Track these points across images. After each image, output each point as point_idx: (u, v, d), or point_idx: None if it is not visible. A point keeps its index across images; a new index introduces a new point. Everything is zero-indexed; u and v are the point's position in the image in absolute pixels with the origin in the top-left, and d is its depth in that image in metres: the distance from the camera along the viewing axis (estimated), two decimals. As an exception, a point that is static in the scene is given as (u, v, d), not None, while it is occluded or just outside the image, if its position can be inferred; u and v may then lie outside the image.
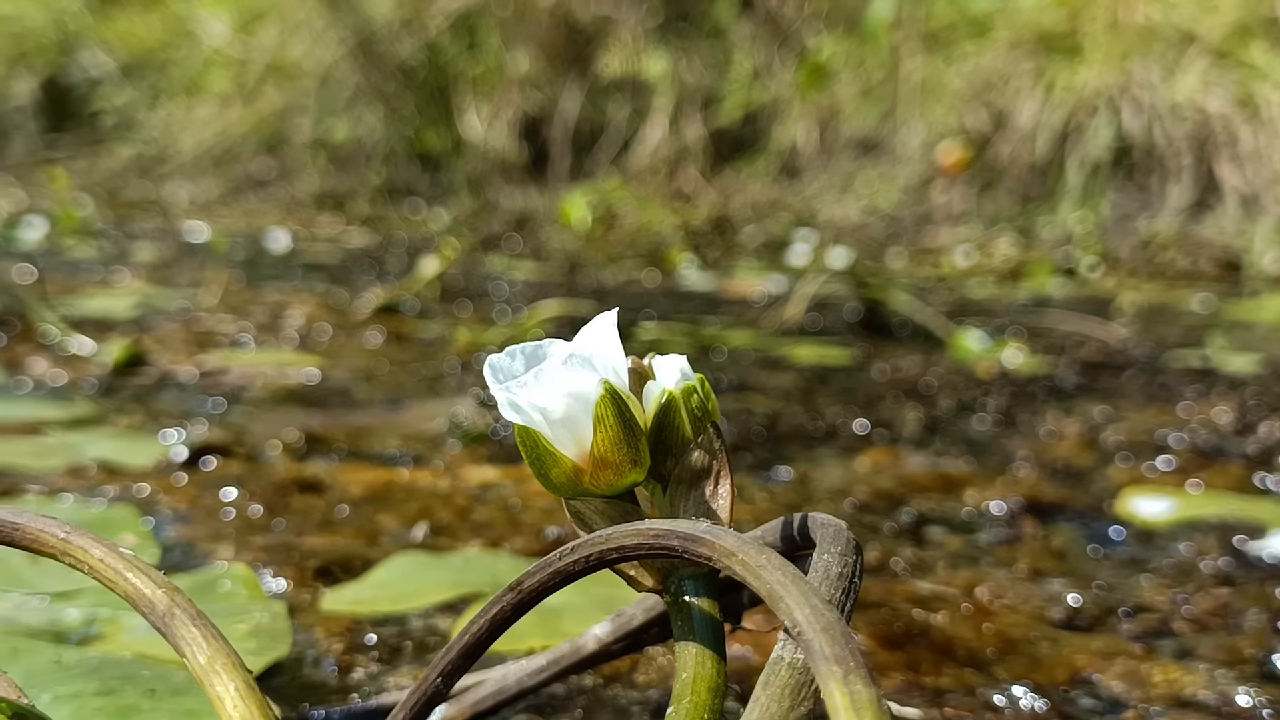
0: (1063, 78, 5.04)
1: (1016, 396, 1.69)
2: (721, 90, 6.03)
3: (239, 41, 6.98)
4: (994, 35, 5.40)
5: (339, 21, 6.49)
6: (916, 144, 5.41)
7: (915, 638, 0.76)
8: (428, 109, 6.49)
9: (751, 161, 5.91)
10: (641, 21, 6.19)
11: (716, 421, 0.51)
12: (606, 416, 0.48)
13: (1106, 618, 0.85)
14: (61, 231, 3.68)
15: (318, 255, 3.61)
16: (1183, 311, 2.85)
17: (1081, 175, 4.89)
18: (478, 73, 6.37)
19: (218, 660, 0.39)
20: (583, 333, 0.51)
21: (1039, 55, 5.21)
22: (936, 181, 5.30)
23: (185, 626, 0.40)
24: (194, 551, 0.93)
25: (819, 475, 1.22)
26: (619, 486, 0.49)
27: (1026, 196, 5.07)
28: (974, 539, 1.04)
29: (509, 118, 6.26)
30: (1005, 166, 5.13)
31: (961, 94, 5.32)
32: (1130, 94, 4.88)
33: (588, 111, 6.19)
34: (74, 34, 7.79)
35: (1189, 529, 1.08)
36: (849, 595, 0.45)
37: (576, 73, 6.21)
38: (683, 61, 6.08)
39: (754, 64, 6.07)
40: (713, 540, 0.43)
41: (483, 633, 0.52)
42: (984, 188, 5.19)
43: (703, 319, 2.45)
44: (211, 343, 1.91)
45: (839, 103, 5.79)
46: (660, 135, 6.01)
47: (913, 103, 5.55)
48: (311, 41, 6.65)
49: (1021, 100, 5.13)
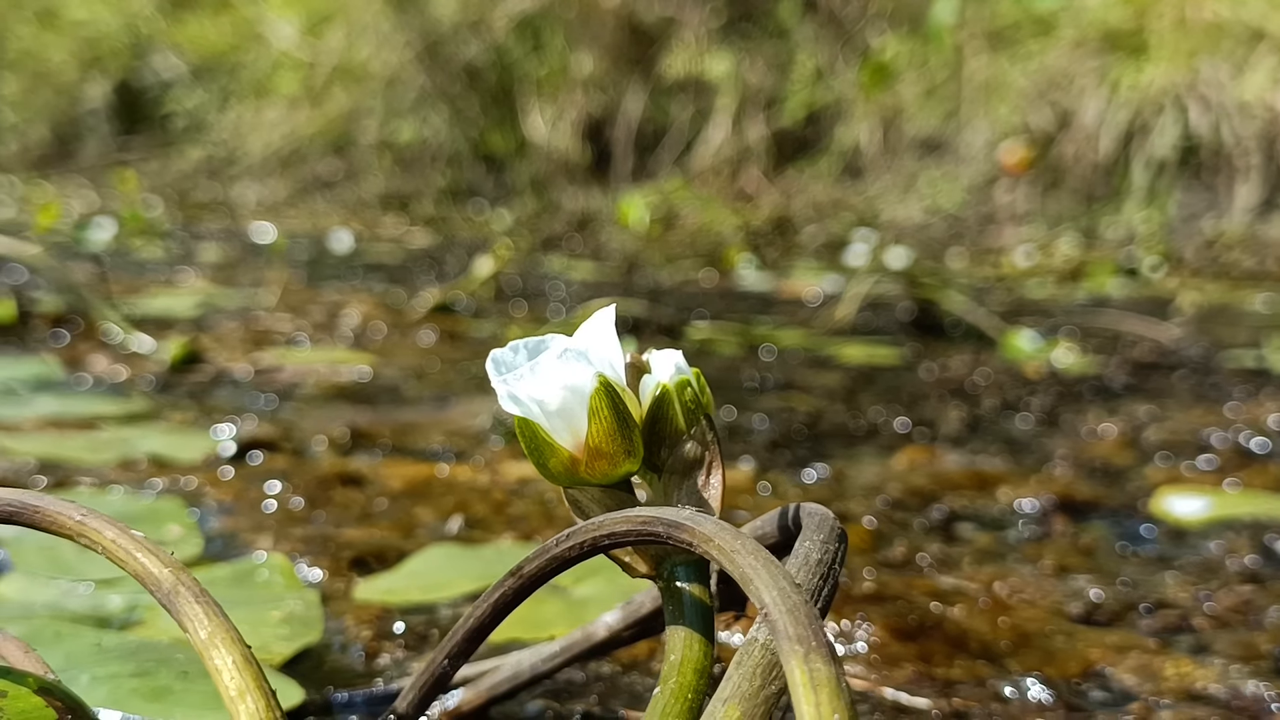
0: (1128, 76, 5.00)
1: (1062, 396, 1.69)
2: (784, 90, 6.03)
3: (307, 44, 7.07)
4: (1059, 34, 5.36)
5: (405, 24, 6.56)
6: (980, 143, 5.38)
7: (929, 630, 0.77)
8: (492, 110, 6.54)
9: (814, 162, 5.90)
10: (705, 22, 6.20)
11: (710, 414, 0.53)
12: (601, 409, 0.50)
13: (1127, 613, 0.86)
14: (128, 232, 3.75)
15: (379, 255, 3.66)
16: (1245, 312, 2.82)
17: (1147, 175, 4.85)
18: (542, 74, 6.41)
19: (218, 635, 0.41)
20: (582, 328, 0.53)
21: (1104, 53, 5.17)
22: (1000, 181, 5.27)
23: (189, 603, 0.42)
24: (236, 542, 0.96)
25: (855, 473, 1.23)
26: (614, 476, 0.51)
27: (1091, 196, 5.03)
28: (1003, 536, 1.05)
29: (573, 119, 6.30)
30: (1070, 166, 5.09)
31: (1026, 93, 5.29)
32: (1197, 92, 4.83)
33: (651, 112, 6.22)
34: (146, 38, 7.93)
35: (1222, 528, 1.08)
36: (827, 580, 0.47)
37: (640, 74, 6.23)
38: (746, 62, 6.09)
39: (817, 64, 6.07)
40: (693, 526, 0.45)
41: (486, 616, 0.54)
42: (1048, 187, 5.15)
43: (755, 319, 2.46)
44: (268, 341, 1.95)
45: (902, 102, 5.78)
46: (723, 136, 6.02)
47: (977, 102, 5.52)
48: (378, 44, 6.72)
49: (1086, 99, 5.10)
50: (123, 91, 8.05)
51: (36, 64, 8.24)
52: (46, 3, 8.35)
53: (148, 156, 7.66)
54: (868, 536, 1.01)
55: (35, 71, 8.24)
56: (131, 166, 7.47)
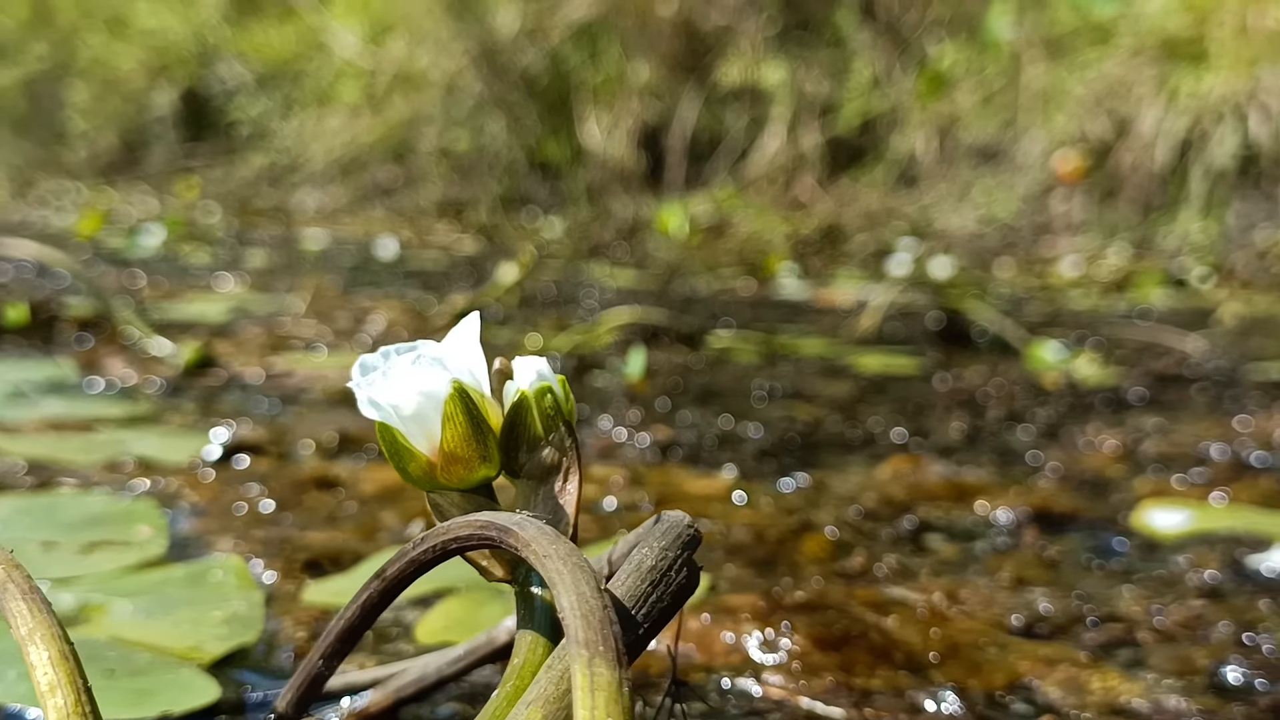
0: (1187, 84, 4.93)
1: (1073, 408, 1.68)
2: (839, 98, 6.01)
3: (369, 52, 7.14)
4: (1117, 41, 5.30)
5: (464, 32, 6.61)
6: (1037, 152, 5.34)
7: (854, 640, 0.77)
8: (549, 118, 6.57)
9: (869, 170, 5.88)
10: (761, 30, 6.20)
11: (570, 421, 0.53)
12: (455, 414, 0.50)
13: (1071, 626, 0.85)
14: (176, 238, 3.81)
15: (423, 262, 3.69)
16: (1287, 324, 2.78)
17: (1205, 184, 4.78)
18: (598, 82, 6.44)
19: (37, 631, 0.42)
20: (449, 334, 0.54)
21: (1163, 62, 5.11)
22: (1056, 190, 5.22)
23: (14, 600, 0.43)
24: (200, 543, 0.98)
25: (836, 482, 1.23)
26: (470, 481, 0.52)
27: (1148, 206, 4.97)
28: (970, 547, 1.04)
29: (628, 127, 6.32)
30: (1127, 175, 5.03)
31: (1083, 101, 5.24)
32: (1258, 100, 4.76)
33: (706, 120, 6.22)
34: (213, 46, 8.05)
35: (1198, 541, 1.06)
36: (658, 586, 0.47)
37: (695, 82, 6.24)
38: (801, 70, 6.08)
39: (873, 72, 6.05)
40: (518, 531, 0.45)
41: (356, 618, 0.55)
42: (1104, 197, 5.10)
43: (782, 327, 2.46)
44: (287, 346, 1.97)
45: (959, 111, 5.74)
46: (777, 144, 6.01)
47: (1034, 110, 5.47)
48: (437, 52, 6.78)
49: (1144, 108, 5.04)
50: (189, 99, 8.18)
51: (106, 72, 8.40)
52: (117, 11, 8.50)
53: (212, 164, 7.77)
54: (828, 546, 1.01)
55: (105, 79, 8.40)
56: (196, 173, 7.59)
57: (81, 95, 8.59)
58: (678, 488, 1.17)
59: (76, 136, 8.57)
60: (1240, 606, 0.90)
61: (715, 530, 1.03)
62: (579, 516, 0.52)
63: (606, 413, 1.51)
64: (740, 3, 6.29)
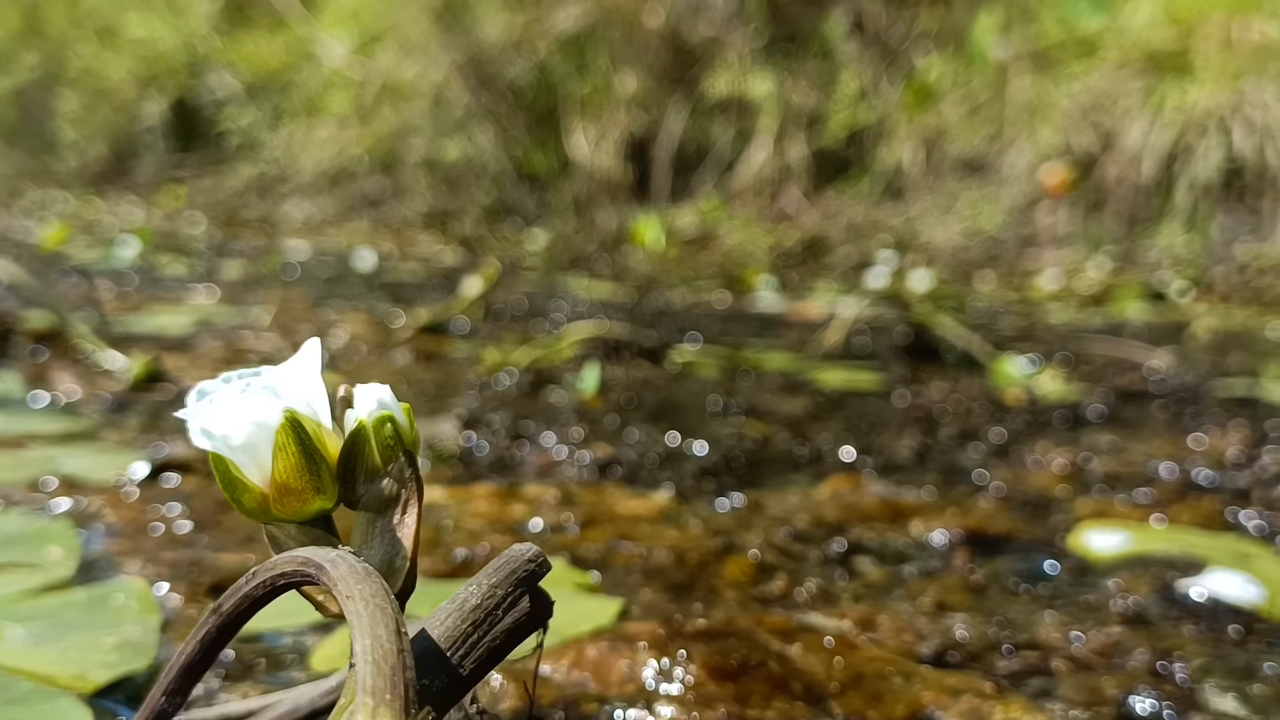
0: (1172, 97, 4.93)
1: (1030, 425, 1.66)
2: (826, 110, 6.00)
3: (357, 63, 7.13)
4: (1103, 54, 5.30)
5: (452, 43, 6.60)
6: (1023, 165, 5.33)
7: (752, 669, 0.75)
8: (536, 129, 6.56)
9: (855, 182, 5.86)
10: (748, 42, 6.19)
11: (412, 451, 0.51)
12: (287, 444, 0.49)
13: (986, 654, 0.84)
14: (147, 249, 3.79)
15: (401, 275, 3.67)
16: (1262, 338, 2.76)
17: (1190, 197, 4.77)
18: (586, 93, 6.42)
19: None
20: (287, 361, 0.52)
21: (1148, 74, 5.10)
22: (1041, 203, 5.21)
23: None
24: (110, 565, 0.96)
25: (772, 503, 1.21)
26: (305, 513, 0.50)
27: (1133, 219, 4.96)
28: (898, 570, 1.02)
29: (615, 138, 6.30)
30: (1112, 188, 5.02)
31: (1069, 114, 5.23)
32: (1243, 114, 4.75)
33: (693, 132, 6.21)
34: (203, 56, 8.03)
35: (1131, 564, 1.05)
36: (481, 626, 0.45)
37: (682, 93, 6.23)
38: (788, 81, 6.07)
39: (860, 84, 6.03)
40: (328, 569, 0.43)
41: (196, 654, 0.53)
42: (1090, 209, 5.09)
43: (750, 341, 2.44)
44: (242, 361, 1.96)
45: (945, 123, 5.73)
46: (764, 156, 5.99)
47: (1020, 123, 5.47)
48: (425, 63, 6.76)
49: (1130, 120, 5.03)
50: (179, 109, 8.16)
51: (96, 82, 8.38)
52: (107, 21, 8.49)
53: (201, 174, 7.75)
54: (750, 570, 0.99)
55: (95, 89, 8.38)
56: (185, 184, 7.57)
57: (71, 105, 8.57)
58: (609, 508, 1.16)
59: (66, 146, 8.55)
60: (1161, 633, 0.88)
61: (636, 553, 1.02)
62: (418, 549, 0.50)
63: (552, 429, 1.49)
64: (728, 14, 6.28)
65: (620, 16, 6.44)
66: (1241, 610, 0.94)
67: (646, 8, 6.36)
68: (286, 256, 4.07)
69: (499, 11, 6.70)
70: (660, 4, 6.34)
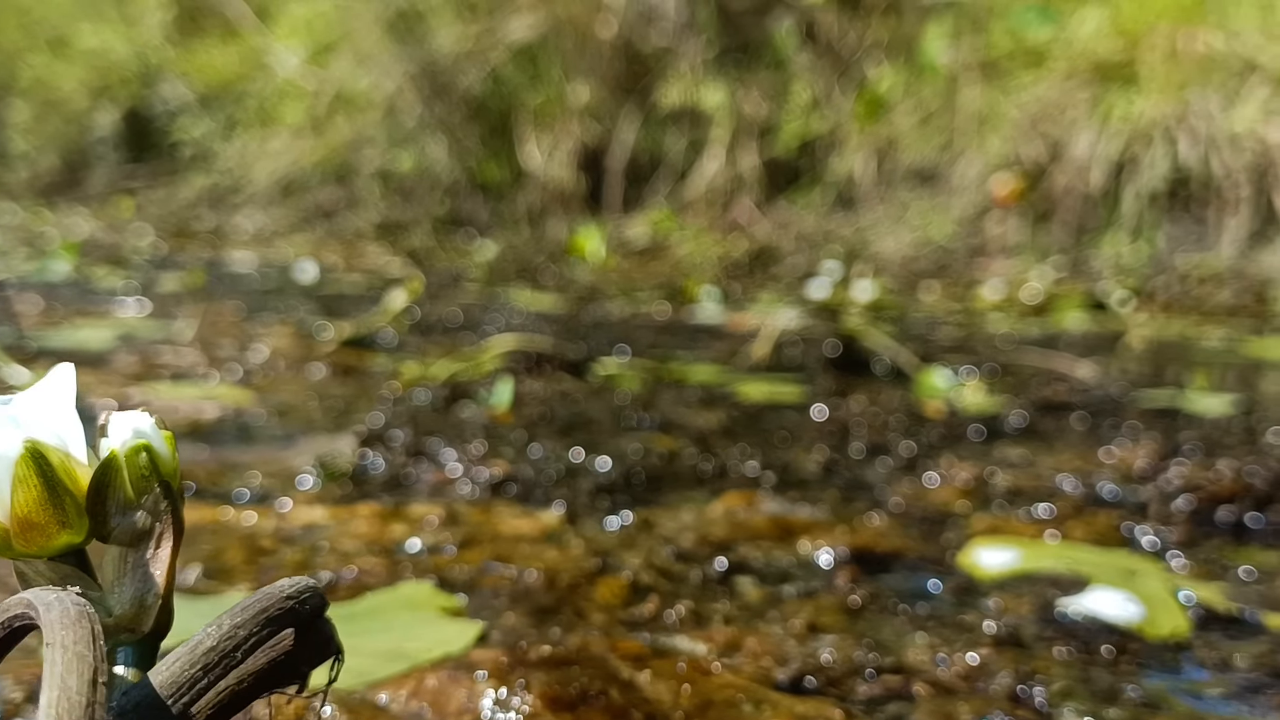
0: (1119, 107, 4.95)
1: (944, 438, 1.65)
2: (778, 120, 6.00)
3: (311, 73, 7.09)
4: (1051, 65, 5.32)
5: (405, 53, 6.57)
6: (973, 175, 5.34)
7: (592, 699, 0.73)
8: (490, 140, 6.54)
9: (806, 192, 5.86)
10: (700, 52, 6.19)
11: (169, 481, 0.49)
12: (28, 477, 0.46)
13: (847, 679, 0.82)
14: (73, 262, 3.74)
15: (342, 286, 3.64)
16: (1197, 348, 2.76)
17: (1137, 207, 4.79)
18: (539, 104, 6.40)
19: None
20: (35, 387, 0.50)
21: (1095, 85, 5.12)
22: (991, 213, 5.22)
23: None
24: (-40, 591, 0.93)
25: (664, 520, 1.19)
26: (51, 549, 0.48)
27: (1082, 228, 4.98)
28: (778, 590, 1.00)
29: (568, 148, 6.29)
30: (1060, 197, 5.04)
31: (1018, 124, 5.24)
32: (1188, 124, 4.78)
33: (645, 142, 6.20)
34: (155, 66, 7.97)
35: (1017, 582, 1.03)
36: (212, 671, 0.43)
37: (635, 103, 6.22)
38: (740, 92, 6.07)
39: (812, 94, 6.03)
40: (43, 612, 0.41)
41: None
42: (1039, 219, 5.10)
43: (680, 353, 2.42)
44: (155, 375, 1.92)
45: (897, 133, 5.74)
46: (716, 166, 5.99)
47: (970, 133, 5.48)
48: (379, 73, 6.73)
49: (1077, 131, 5.05)
50: (131, 120, 8.10)
51: (47, 92, 8.31)
52: (59, 31, 8.42)
53: (154, 185, 7.69)
54: (622, 591, 0.97)
55: (46, 99, 8.31)
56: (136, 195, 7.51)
57: (22, 115, 8.50)
58: (492, 528, 1.13)
59: (17, 157, 8.47)
60: (1031, 655, 0.87)
61: (508, 575, 0.99)
62: (172, 586, 0.47)
63: (453, 446, 1.46)
64: (680, 25, 6.28)
65: (573, 27, 6.42)
66: (1117, 629, 0.93)
67: (599, 18, 6.35)
68: (227, 268, 4.03)
69: (452, 22, 6.67)
70: (613, 14, 6.33)
